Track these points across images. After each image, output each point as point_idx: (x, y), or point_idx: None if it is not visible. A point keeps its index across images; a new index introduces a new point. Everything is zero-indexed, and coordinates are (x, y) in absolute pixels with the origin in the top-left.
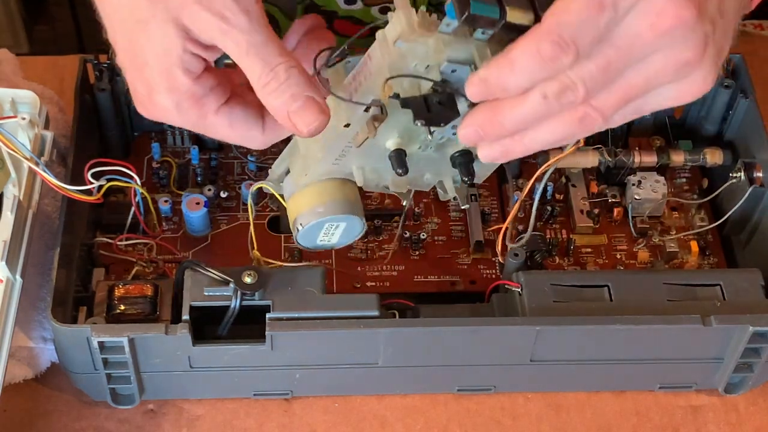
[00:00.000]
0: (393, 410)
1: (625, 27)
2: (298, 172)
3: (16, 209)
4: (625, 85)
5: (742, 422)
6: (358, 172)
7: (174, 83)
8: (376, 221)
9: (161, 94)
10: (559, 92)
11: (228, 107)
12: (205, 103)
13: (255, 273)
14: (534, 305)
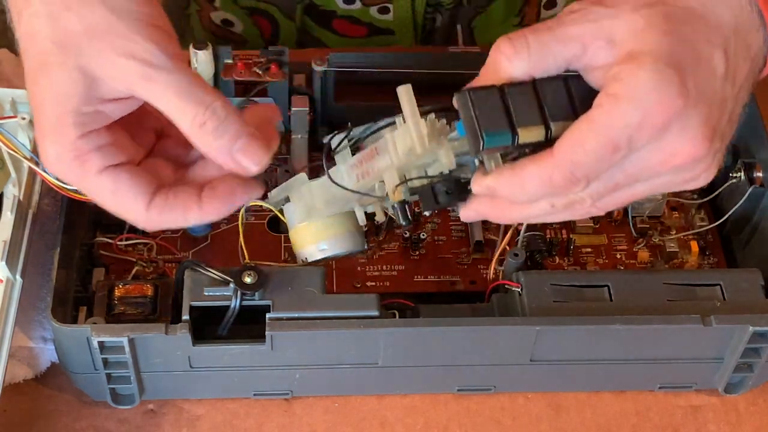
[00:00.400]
0: (393, 410)
1: (637, 158)
2: (300, 209)
3: (16, 209)
4: (629, 193)
5: (742, 422)
6: (360, 212)
7: (60, 133)
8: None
9: (46, 142)
10: (567, 204)
11: (115, 171)
12: (88, 160)
13: (255, 273)
14: (534, 305)
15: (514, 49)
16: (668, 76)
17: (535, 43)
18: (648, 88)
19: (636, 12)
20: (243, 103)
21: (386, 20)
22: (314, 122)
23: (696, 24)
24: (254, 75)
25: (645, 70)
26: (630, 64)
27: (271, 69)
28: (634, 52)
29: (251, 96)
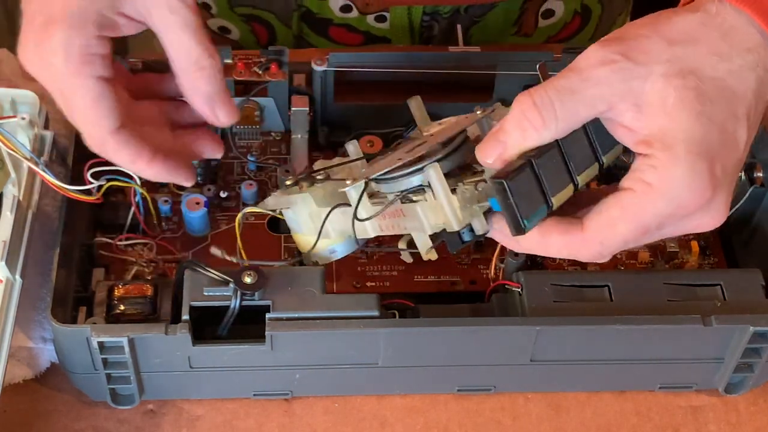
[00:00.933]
0: (393, 410)
1: (660, 234)
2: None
3: (16, 209)
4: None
5: (742, 422)
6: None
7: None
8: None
9: (60, 26)
10: (588, 258)
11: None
12: (92, 61)
13: (255, 273)
14: (534, 305)
15: (542, 121)
16: (700, 170)
17: (562, 112)
18: (682, 184)
19: (667, 81)
20: (243, 102)
21: (383, 29)
22: (314, 122)
23: (724, 99)
24: (254, 75)
25: (680, 166)
26: (665, 154)
27: (271, 69)
28: (668, 138)
29: (251, 96)
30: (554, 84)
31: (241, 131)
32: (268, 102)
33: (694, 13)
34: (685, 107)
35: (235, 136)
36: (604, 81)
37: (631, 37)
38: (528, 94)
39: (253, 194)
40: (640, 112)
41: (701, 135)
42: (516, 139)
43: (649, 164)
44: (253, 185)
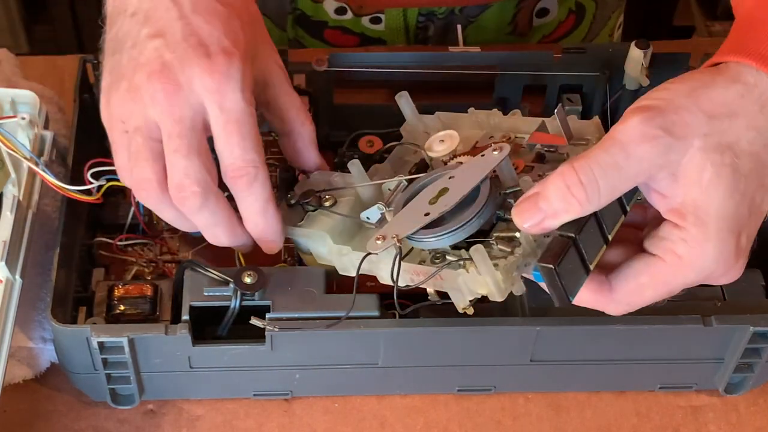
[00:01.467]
0: (393, 410)
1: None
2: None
3: (16, 209)
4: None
5: (742, 422)
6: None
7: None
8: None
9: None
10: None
11: None
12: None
13: (255, 273)
14: (534, 305)
15: (587, 197)
16: (729, 244)
17: (606, 188)
18: (711, 258)
19: (705, 156)
20: None
21: (378, 30)
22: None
23: (756, 172)
24: None
25: (710, 242)
26: (697, 229)
27: None
28: (702, 213)
29: None
30: (598, 160)
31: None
32: None
33: (734, 84)
34: (721, 184)
35: None
36: (646, 158)
37: (672, 110)
38: (573, 170)
39: None
40: (675, 182)
41: (733, 211)
42: (558, 211)
43: (680, 237)
44: None
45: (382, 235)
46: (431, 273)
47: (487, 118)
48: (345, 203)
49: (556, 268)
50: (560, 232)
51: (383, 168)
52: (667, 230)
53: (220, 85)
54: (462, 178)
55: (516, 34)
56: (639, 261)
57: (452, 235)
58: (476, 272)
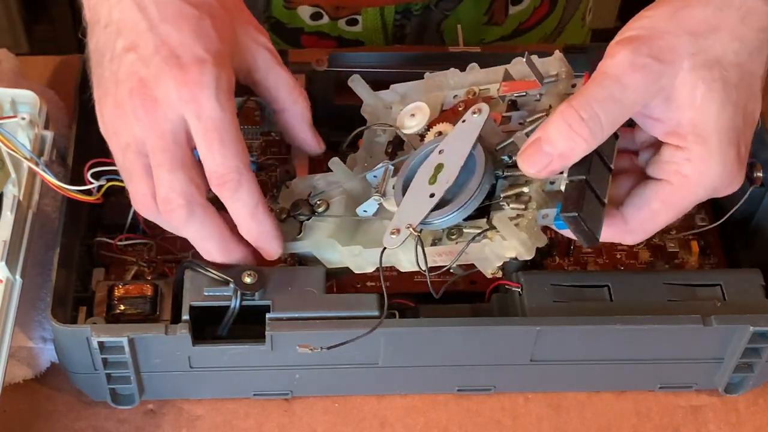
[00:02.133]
0: (393, 410)
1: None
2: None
3: (16, 209)
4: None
5: (742, 422)
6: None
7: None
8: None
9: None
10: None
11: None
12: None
13: (255, 273)
14: (534, 305)
15: (590, 132)
16: (731, 155)
17: (607, 121)
18: (717, 172)
19: (695, 74)
20: (243, 102)
21: (355, 32)
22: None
23: (745, 82)
24: None
25: (714, 157)
26: (699, 147)
27: None
28: (700, 130)
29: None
30: (595, 95)
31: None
32: None
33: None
34: (714, 99)
35: None
36: (640, 87)
37: (657, 36)
38: (573, 108)
39: None
40: (670, 105)
41: (730, 123)
42: (565, 151)
43: (684, 157)
44: None
45: (396, 228)
46: (458, 252)
47: (446, 78)
48: (337, 204)
49: (580, 215)
50: (570, 177)
51: (359, 156)
52: (669, 153)
53: (195, 95)
54: (452, 149)
55: (492, 24)
56: (647, 188)
57: (464, 208)
58: (501, 238)
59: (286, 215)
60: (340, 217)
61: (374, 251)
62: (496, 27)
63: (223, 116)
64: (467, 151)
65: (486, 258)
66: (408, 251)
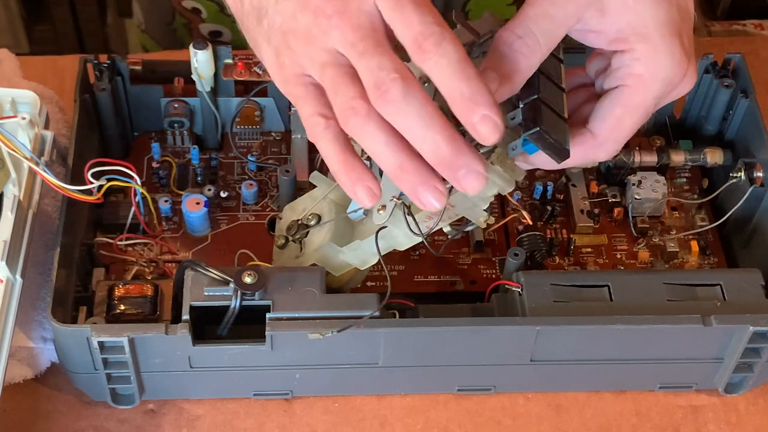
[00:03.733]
0: (393, 410)
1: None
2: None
3: (16, 209)
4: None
5: (742, 422)
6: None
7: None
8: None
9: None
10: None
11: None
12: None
13: (255, 273)
14: (534, 305)
15: (529, 48)
16: (676, 46)
17: (543, 36)
18: (667, 64)
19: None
20: (243, 102)
21: None
22: None
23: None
24: (254, 75)
25: (660, 50)
26: (644, 45)
27: None
28: (641, 30)
29: (251, 96)
30: (529, 14)
31: (241, 131)
32: (268, 102)
33: None
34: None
35: (235, 136)
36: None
37: None
38: (509, 29)
39: (253, 194)
40: (604, 15)
41: (666, 16)
42: (508, 72)
43: (632, 58)
44: (253, 185)
45: (382, 205)
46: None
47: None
48: (327, 213)
49: (542, 128)
50: (523, 101)
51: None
52: (618, 60)
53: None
54: None
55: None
56: (606, 99)
57: None
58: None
59: (285, 241)
60: (332, 221)
61: (371, 240)
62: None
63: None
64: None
65: (473, 206)
66: (400, 224)
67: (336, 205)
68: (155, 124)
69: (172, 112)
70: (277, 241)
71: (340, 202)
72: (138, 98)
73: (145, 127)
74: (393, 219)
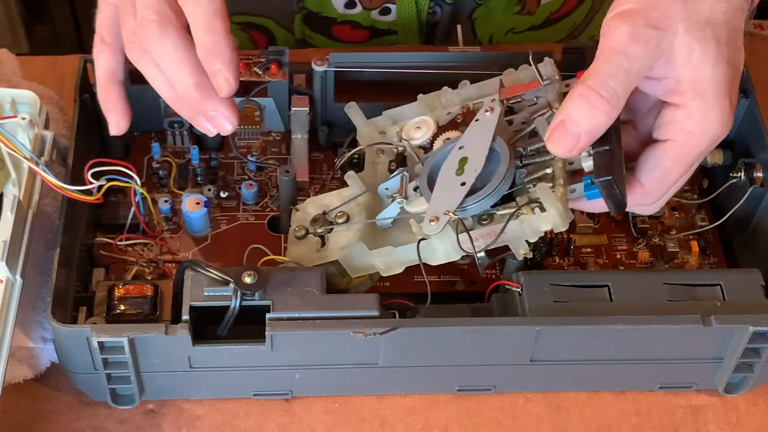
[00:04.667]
0: (393, 410)
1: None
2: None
3: (16, 209)
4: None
5: (742, 422)
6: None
7: None
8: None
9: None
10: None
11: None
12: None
13: (255, 273)
14: (534, 305)
15: (610, 105)
16: (725, 105)
17: (623, 92)
18: (717, 123)
19: (690, 36)
20: (243, 103)
21: (387, 21)
22: (314, 122)
23: (732, 38)
24: (254, 75)
25: (712, 110)
26: (698, 103)
27: (271, 69)
28: (698, 87)
29: (251, 96)
30: (607, 71)
31: (241, 131)
32: (268, 102)
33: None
34: (708, 56)
35: (235, 136)
36: (644, 55)
37: (650, 8)
38: (588, 87)
39: (253, 194)
40: (668, 65)
41: (722, 76)
42: (590, 129)
43: (685, 114)
44: (253, 185)
45: (434, 216)
46: (499, 229)
47: (438, 98)
48: (357, 214)
49: (614, 178)
50: (595, 150)
51: (363, 175)
52: (670, 113)
53: None
54: (472, 144)
55: (524, 13)
56: (655, 150)
57: (497, 191)
58: (538, 211)
59: (305, 233)
60: (366, 223)
61: (406, 248)
62: (527, 16)
63: None
64: (489, 142)
65: (521, 236)
66: (443, 240)
67: (365, 209)
68: (155, 124)
69: (172, 112)
70: (296, 232)
71: (369, 206)
72: (138, 98)
73: (145, 127)
74: (439, 234)
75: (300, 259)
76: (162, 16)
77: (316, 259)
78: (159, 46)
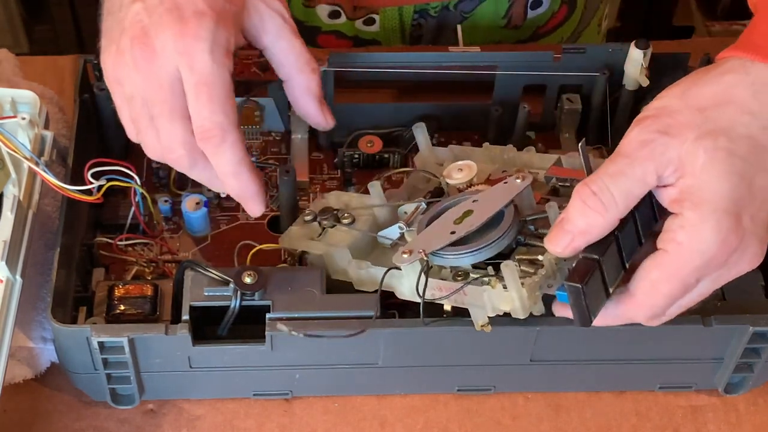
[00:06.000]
0: (393, 410)
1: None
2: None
3: (16, 209)
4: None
5: (742, 422)
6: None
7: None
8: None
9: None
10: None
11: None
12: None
13: (255, 273)
14: None
15: (603, 206)
16: (726, 223)
17: (618, 194)
18: (710, 239)
19: (698, 143)
20: (243, 102)
21: (371, 31)
22: None
23: (755, 155)
24: (254, 75)
25: (706, 223)
26: (693, 213)
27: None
28: (696, 197)
29: (251, 96)
30: (606, 170)
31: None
32: (268, 102)
33: (724, 76)
34: (714, 167)
35: None
36: (648, 159)
37: (665, 115)
38: (585, 185)
39: None
40: (675, 174)
41: (729, 192)
42: (583, 228)
43: (679, 224)
44: None
45: (409, 250)
46: (457, 287)
47: (501, 153)
48: (363, 221)
49: (583, 287)
50: (585, 255)
51: (398, 193)
52: (669, 222)
53: (190, 47)
54: (486, 202)
55: (510, 28)
56: (648, 259)
57: (478, 253)
58: (502, 289)
59: (313, 217)
60: (361, 232)
61: (380, 270)
62: (514, 30)
63: (214, 71)
64: (499, 206)
65: (482, 305)
66: (411, 278)
67: (375, 221)
68: None
69: None
70: (306, 216)
71: (382, 221)
72: None
73: None
74: (410, 268)
75: (294, 239)
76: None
77: (304, 246)
78: (191, 174)
